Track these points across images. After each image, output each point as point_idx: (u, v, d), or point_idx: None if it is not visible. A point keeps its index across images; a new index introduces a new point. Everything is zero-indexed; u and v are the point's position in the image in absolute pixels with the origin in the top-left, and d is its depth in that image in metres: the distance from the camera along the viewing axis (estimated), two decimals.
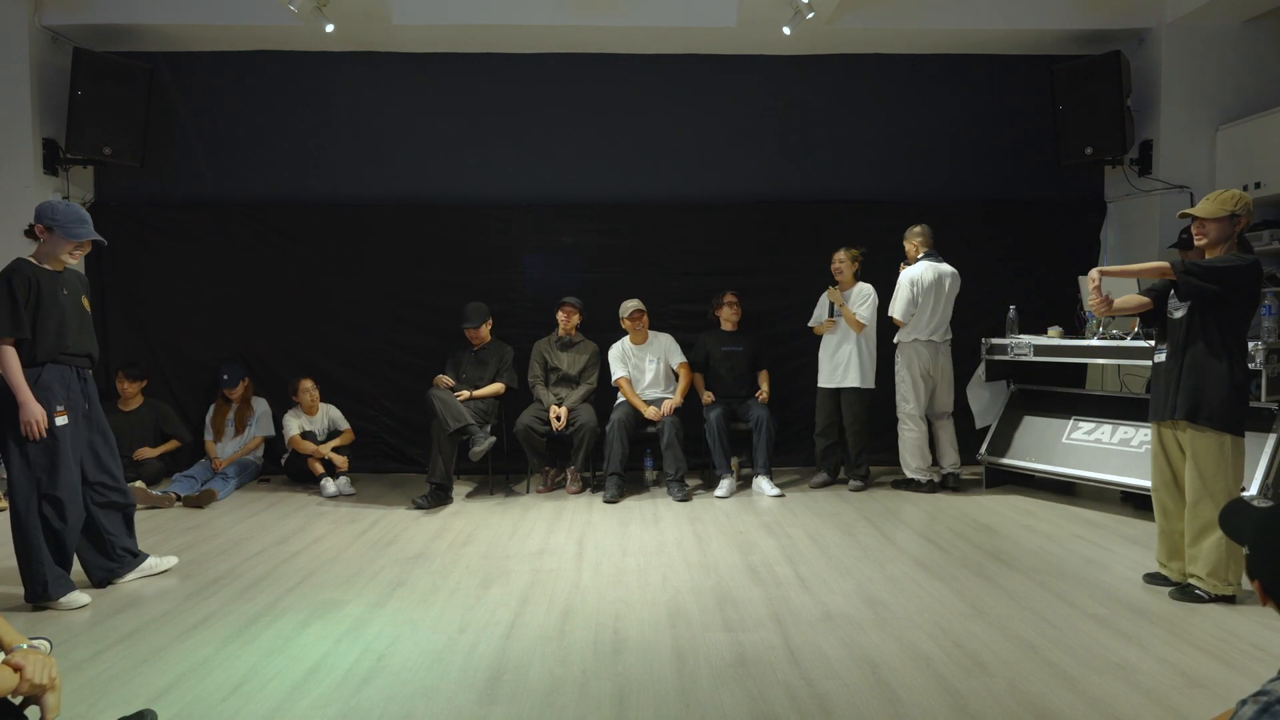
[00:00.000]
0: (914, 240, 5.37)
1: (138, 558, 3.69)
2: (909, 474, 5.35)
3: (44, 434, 3.27)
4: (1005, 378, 5.52)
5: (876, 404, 5.52)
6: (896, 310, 5.23)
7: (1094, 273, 3.48)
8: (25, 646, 1.78)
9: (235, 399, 5.76)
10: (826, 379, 5.54)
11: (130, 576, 3.65)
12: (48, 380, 3.32)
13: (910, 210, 6.00)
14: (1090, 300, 3.50)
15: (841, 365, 5.45)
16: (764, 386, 5.63)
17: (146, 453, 5.56)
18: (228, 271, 6.05)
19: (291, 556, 4.05)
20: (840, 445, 5.60)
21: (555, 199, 6.18)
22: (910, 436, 5.31)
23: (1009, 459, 5.24)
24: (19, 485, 3.30)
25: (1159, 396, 3.44)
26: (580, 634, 3.05)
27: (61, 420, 3.34)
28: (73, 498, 3.37)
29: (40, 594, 3.32)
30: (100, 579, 3.59)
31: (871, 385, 5.47)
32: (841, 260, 5.49)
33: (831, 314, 5.49)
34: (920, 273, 5.22)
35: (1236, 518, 1.57)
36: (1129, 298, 3.54)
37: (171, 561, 3.82)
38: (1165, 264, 3.33)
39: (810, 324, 5.70)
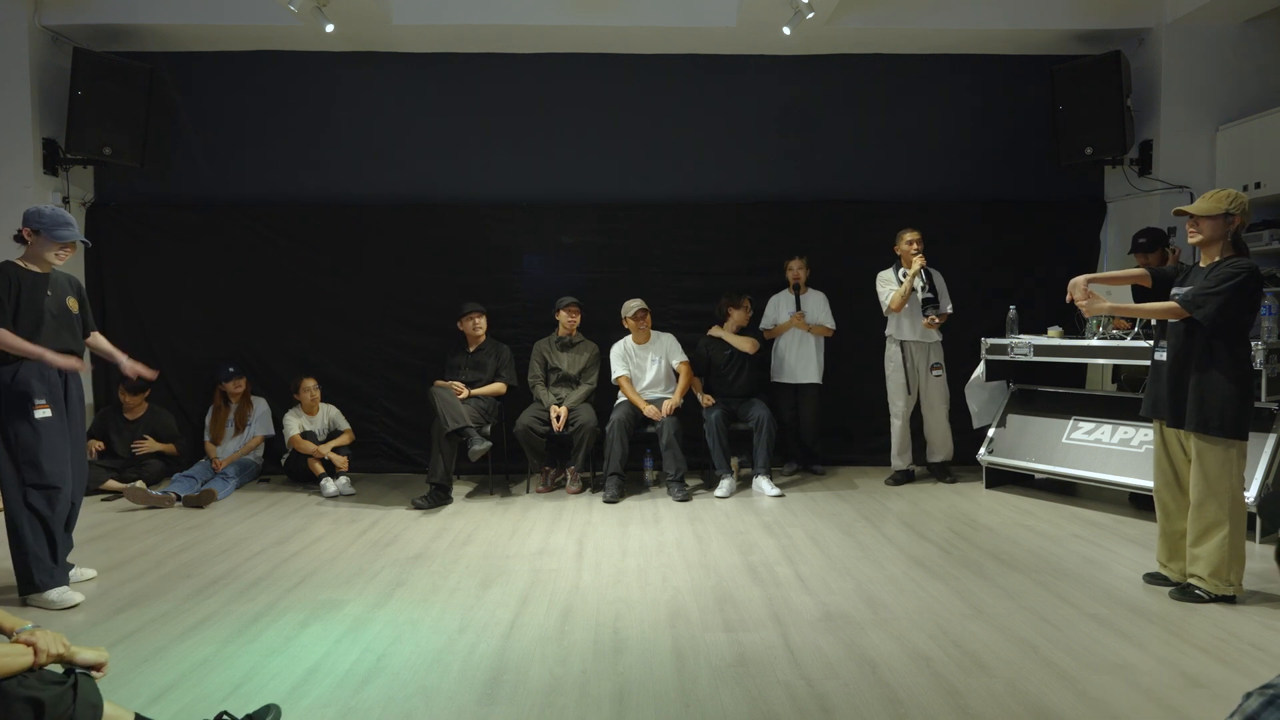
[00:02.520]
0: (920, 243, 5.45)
1: (68, 565, 3.60)
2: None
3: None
4: (1005, 378, 5.53)
5: (837, 396, 6.00)
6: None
7: (1080, 280, 3.40)
8: (31, 627, 1.91)
9: (235, 398, 5.76)
10: (789, 375, 5.83)
11: (55, 592, 3.45)
12: (25, 375, 3.34)
13: (910, 210, 6.02)
14: (1080, 303, 3.43)
15: (804, 362, 5.79)
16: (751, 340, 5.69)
17: (146, 446, 5.57)
18: (228, 271, 6.05)
19: (291, 556, 4.05)
20: (797, 436, 5.98)
21: (555, 199, 6.18)
22: None
23: (1009, 459, 5.24)
24: (6, 478, 3.32)
25: (1159, 395, 3.43)
26: (580, 634, 3.05)
27: (42, 413, 3.35)
28: (60, 485, 3.38)
29: (26, 586, 3.33)
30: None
31: (822, 381, 5.85)
32: (800, 267, 5.81)
33: (799, 306, 5.78)
34: None
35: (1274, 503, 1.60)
36: (1124, 300, 3.50)
37: (91, 573, 3.74)
38: (1175, 305, 3.26)
39: (763, 326, 5.91)
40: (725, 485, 5.32)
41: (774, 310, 5.91)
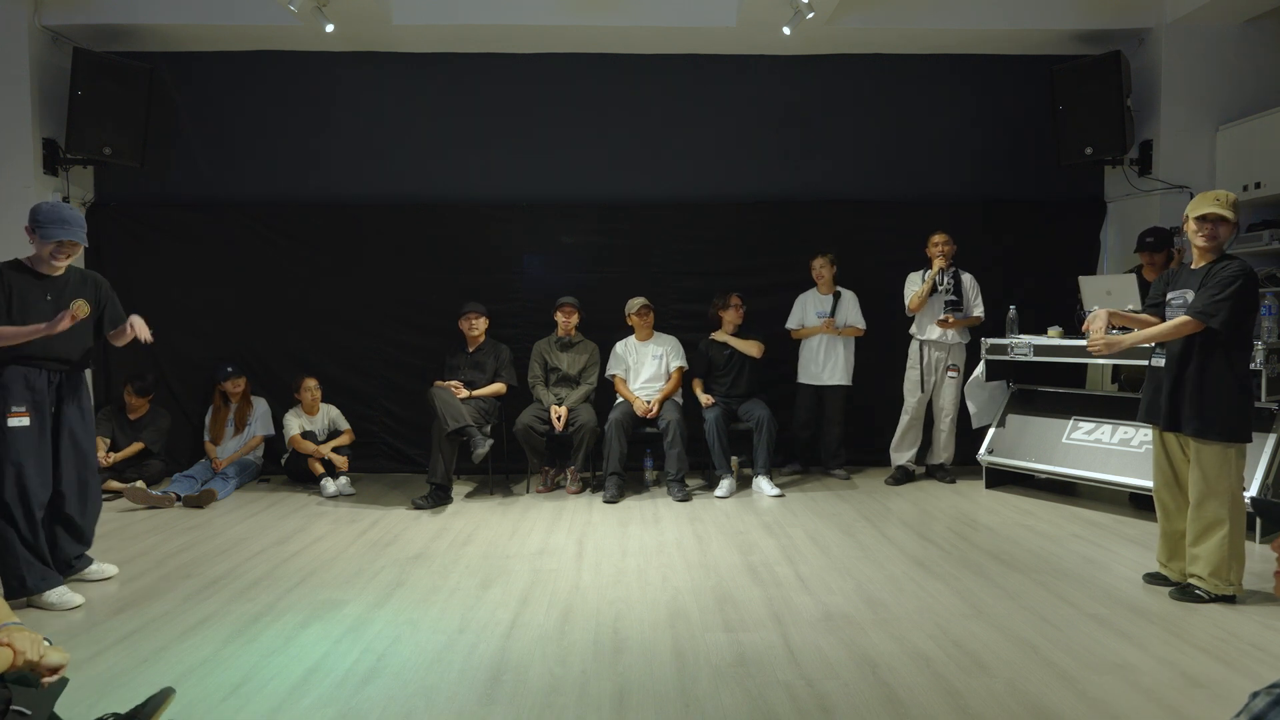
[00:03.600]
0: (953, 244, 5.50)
1: (75, 566, 3.60)
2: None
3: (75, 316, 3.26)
4: (1005, 378, 5.53)
5: (851, 399, 5.84)
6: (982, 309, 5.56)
7: (1101, 313, 3.43)
8: (15, 623, 1.83)
9: (234, 398, 5.76)
10: (813, 376, 5.76)
11: (55, 593, 3.43)
12: (8, 380, 3.30)
13: (910, 210, 6.04)
14: (1092, 342, 3.46)
15: (830, 364, 5.71)
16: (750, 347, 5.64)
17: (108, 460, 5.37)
18: (227, 271, 6.05)
19: (291, 556, 4.05)
20: (817, 438, 5.89)
21: (555, 199, 6.18)
22: None
23: (1009, 459, 5.23)
24: None
25: (1156, 400, 3.43)
26: (580, 634, 3.05)
27: (17, 421, 3.30)
28: (19, 501, 3.30)
29: (18, 589, 3.31)
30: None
31: (850, 383, 5.74)
32: (822, 265, 5.72)
33: (833, 313, 5.68)
34: None
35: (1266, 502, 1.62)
36: (1131, 330, 3.50)
37: (111, 570, 3.73)
38: (1187, 319, 3.26)
39: (789, 325, 5.86)
40: (725, 485, 5.32)
41: (801, 309, 5.83)
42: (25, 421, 3.33)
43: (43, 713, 1.77)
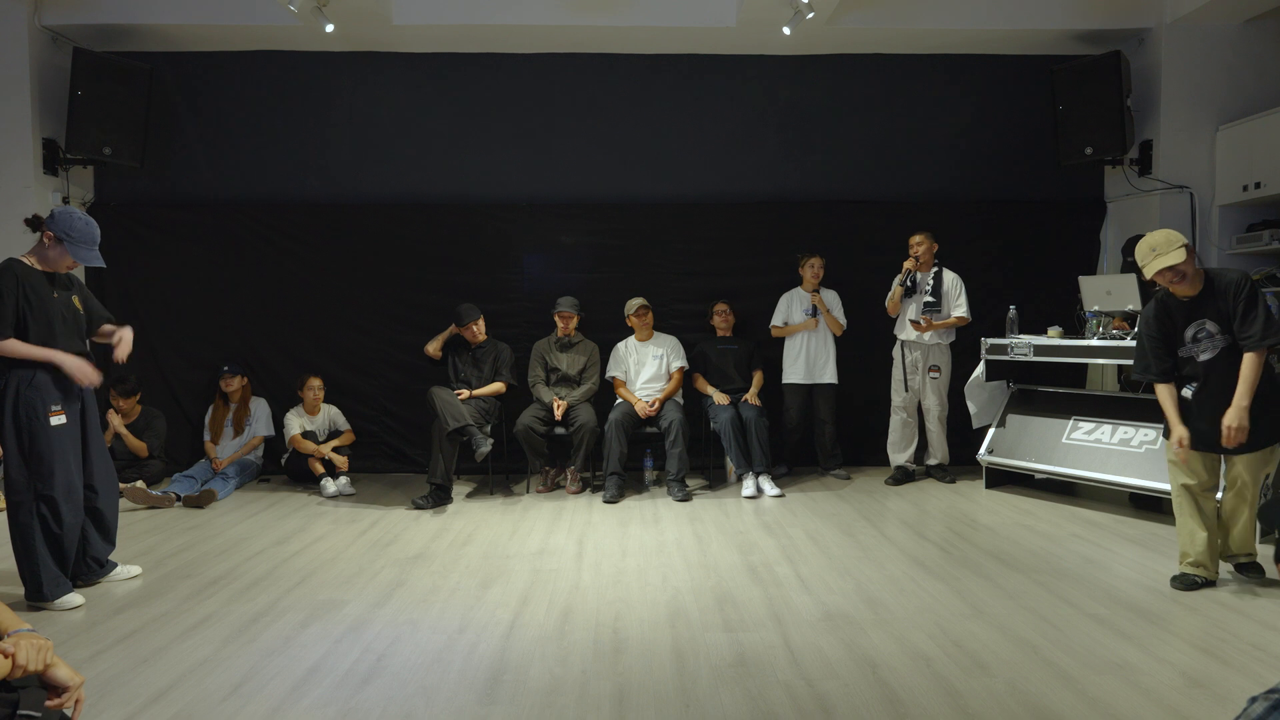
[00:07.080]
0: (933, 244, 5.50)
1: (105, 567, 3.64)
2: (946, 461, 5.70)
3: (94, 381, 3.39)
4: (1005, 378, 5.53)
5: (841, 398, 5.85)
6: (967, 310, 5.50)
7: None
8: (24, 631, 1.77)
9: (234, 398, 5.76)
10: (801, 376, 5.76)
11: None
12: (42, 380, 3.31)
13: (910, 210, 6.04)
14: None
15: (819, 363, 5.73)
16: (753, 388, 5.64)
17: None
18: (227, 271, 6.05)
19: (291, 556, 4.05)
20: (809, 439, 5.90)
21: (555, 199, 6.18)
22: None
23: (1009, 459, 5.23)
24: (16, 485, 3.30)
25: (1204, 429, 3.38)
26: (580, 634, 3.05)
27: (57, 420, 3.33)
28: (68, 498, 3.36)
29: (36, 594, 3.33)
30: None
31: (837, 380, 5.76)
32: (815, 264, 5.71)
33: (814, 314, 5.70)
34: None
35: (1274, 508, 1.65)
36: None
37: (135, 570, 3.76)
38: (1259, 353, 3.25)
39: (774, 323, 5.86)
40: (750, 485, 5.28)
41: (786, 307, 5.83)
42: (64, 420, 3.37)
43: (52, 714, 1.76)
